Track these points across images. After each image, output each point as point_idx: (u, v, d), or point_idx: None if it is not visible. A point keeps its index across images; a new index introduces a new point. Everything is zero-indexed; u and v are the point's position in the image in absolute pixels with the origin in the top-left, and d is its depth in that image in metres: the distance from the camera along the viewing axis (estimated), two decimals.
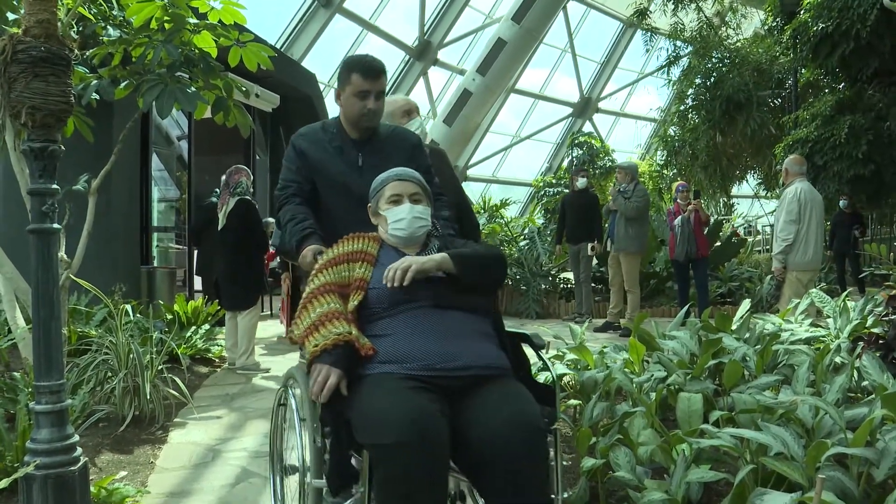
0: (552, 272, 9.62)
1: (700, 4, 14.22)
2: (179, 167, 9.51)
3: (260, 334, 6.21)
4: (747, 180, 15.61)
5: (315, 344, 1.81)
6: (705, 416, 2.59)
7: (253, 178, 6.43)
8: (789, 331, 3.73)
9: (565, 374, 3.52)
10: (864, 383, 2.89)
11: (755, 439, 2.10)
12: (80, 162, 5.19)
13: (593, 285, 8.94)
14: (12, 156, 3.75)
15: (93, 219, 4.06)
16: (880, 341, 3.08)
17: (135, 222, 7.93)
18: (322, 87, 12.73)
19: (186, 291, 8.72)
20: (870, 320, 3.70)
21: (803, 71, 10.92)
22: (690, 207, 7.24)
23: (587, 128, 22.41)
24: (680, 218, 7.22)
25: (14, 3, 3.60)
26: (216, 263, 5.97)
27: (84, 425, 3.49)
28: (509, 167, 23.64)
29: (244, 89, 4.37)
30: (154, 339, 4.26)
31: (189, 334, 5.67)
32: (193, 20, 3.79)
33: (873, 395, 2.45)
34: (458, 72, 19.89)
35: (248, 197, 5.67)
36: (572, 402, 3.33)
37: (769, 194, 15.78)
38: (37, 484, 2.17)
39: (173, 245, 9.29)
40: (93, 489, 2.57)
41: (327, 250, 2.09)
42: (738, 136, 13.09)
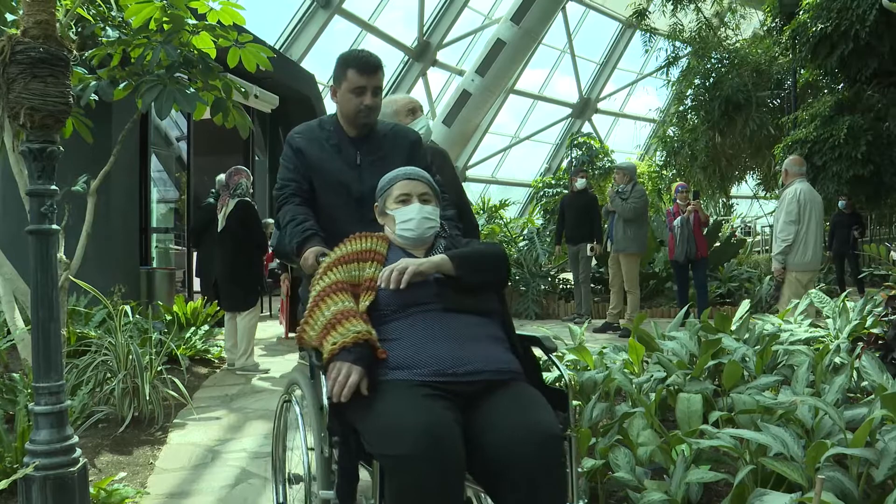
0: (551, 273, 9.62)
1: (699, 5, 14.22)
2: (178, 168, 9.50)
3: (259, 335, 6.21)
4: (746, 181, 15.61)
5: (333, 342, 1.72)
6: (705, 416, 2.59)
7: (252, 178, 6.43)
8: (789, 331, 3.73)
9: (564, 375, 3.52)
10: (864, 384, 2.89)
11: (755, 440, 2.10)
12: (78, 163, 5.18)
13: (592, 286, 8.94)
14: (11, 157, 3.75)
15: (92, 220, 4.06)
16: (880, 342, 3.08)
17: (134, 223, 7.92)
18: (321, 87, 12.72)
19: (185, 292, 8.72)
20: (869, 321, 3.70)
21: (802, 71, 10.92)
22: (690, 208, 7.25)
23: (586, 128, 22.44)
24: (679, 219, 7.23)
25: (13, 3, 3.59)
26: (215, 264, 5.97)
27: (83, 426, 3.49)
28: (508, 168, 23.69)
29: (243, 90, 4.37)
30: (153, 340, 4.26)
31: (188, 335, 5.67)
32: (192, 21, 3.79)
33: (873, 395, 2.46)
34: (457, 72, 19.90)
35: (247, 198, 5.68)
36: (572, 402, 3.32)
37: (768, 195, 15.79)
38: (36, 485, 2.16)
39: (173, 246, 9.28)
40: (92, 490, 2.57)
41: (331, 251, 2.02)
42: (737, 137, 13.09)
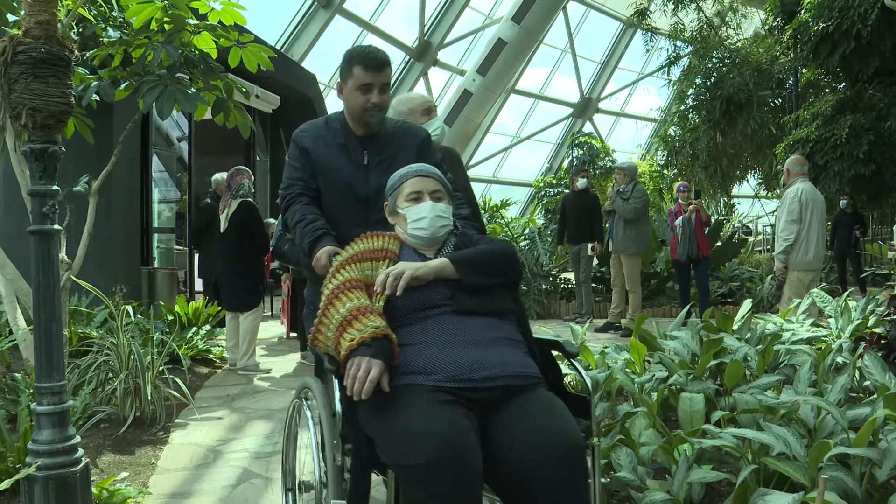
0: (553, 272, 9.62)
1: (700, 4, 14.23)
2: (180, 168, 9.51)
3: (261, 335, 6.21)
4: (748, 180, 15.62)
5: (351, 338, 1.64)
6: (707, 416, 2.59)
7: (254, 178, 6.43)
8: (791, 331, 3.73)
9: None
10: (866, 383, 2.88)
11: (757, 439, 2.10)
12: (80, 163, 5.19)
13: (594, 285, 8.94)
14: (13, 157, 3.75)
15: (93, 220, 4.06)
16: (882, 341, 3.08)
17: (135, 223, 7.93)
18: (322, 87, 12.74)
19: (187, 292, 8.72)
20: (871, 320, 3.69)
21: (804, 71, 10.93)
22: (691, 207, 7.24)
23: (587, 128, 22.42)
24: (681, 218, 7.22)
25: (14, 4, 3.60)
26: (217, 265, 5.97)
27: (85, 426, 3.49)
28: (509, 167, 23.68)
29: (244, 90, 4.37)
30: (155, 340, 4.27)
31: (190, 335, 5.67)
32: (193, 21, 3.79)
33: (875, 395, 2.45)
34: (458, 72, 19.90)
35: (250, 199, 5.68)
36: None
37: (770, 194, 15.79)
38: (38, 485, 2.17)
39: (178, 247, 9.29)
40: (94, 490, 2.57)
41: (343, 250, 1.97)
42: (738, 136, 13.10)
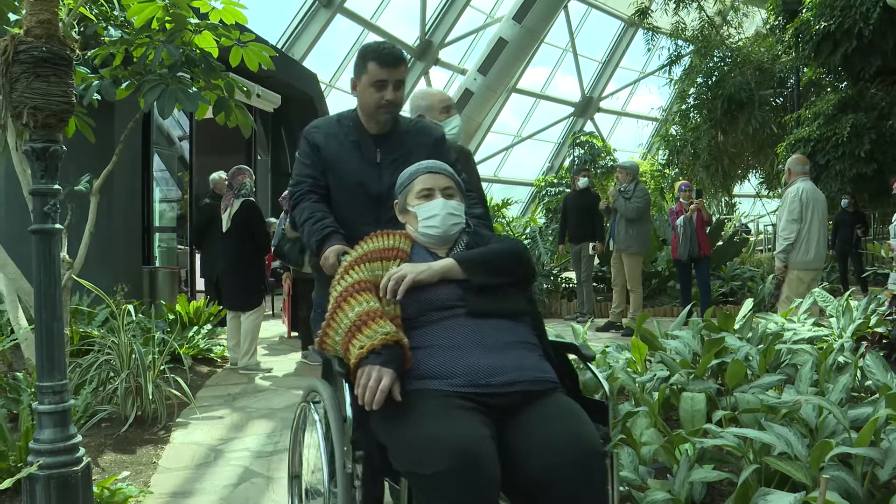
0: (554, 272, 9.62)
1: (702, 3, 14.21)
2: (181, 167, 9.52)
3: (262, 334, 6.21)
4: (749, 179, 15.61)
5: (360, 345, 1.59)
6: (708, 415, 2.59)
7: (255, 178, 6.43)
8: (792, 330, 3.73)
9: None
10: (868, 383, 2.88)
11: (758, 439, 2.09)
12: (81, 162, 5.19)
13: (595, 285, 8.94)
14: (14, 156, 3.75)
15: (95, 219, 4.06)
16: (884, 341, 3.07)
17: (136, 222, 7.94)
18: (323, 86, 12.74)
19: (188, 292, 8.73)
20: (873, 320, 3.69)
21: (805, 70, 10.92)
22: (692, 207, 7.23)
23: (588, 127, 22.43)
24: (682, 218, 7.21)
25: (15, 3, 3.60)
26: (218, 264, 5.97)
27: (87, 425, 3.49)
28: (510, 167, 23.69)
29: (245, 89, 4.37)
30: (156, 340, 4.27)
31: (191, 334, 5.68)
32: (194, 20, 3.79)
33: (877, 394, 2.45)
34: (459, 71, 19.90)
35: (252, 198, 5.68)
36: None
37: (771, 193, 15.78)
38: (40, 484, 2.17)
39: (179, 246, 9.30)
40: (95, 489, 2.57)
41: (351, 249, 1.91)
42: (739, 136, 13.10)
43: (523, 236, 10.27)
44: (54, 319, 2.26)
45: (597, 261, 8.71)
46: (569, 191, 9.64)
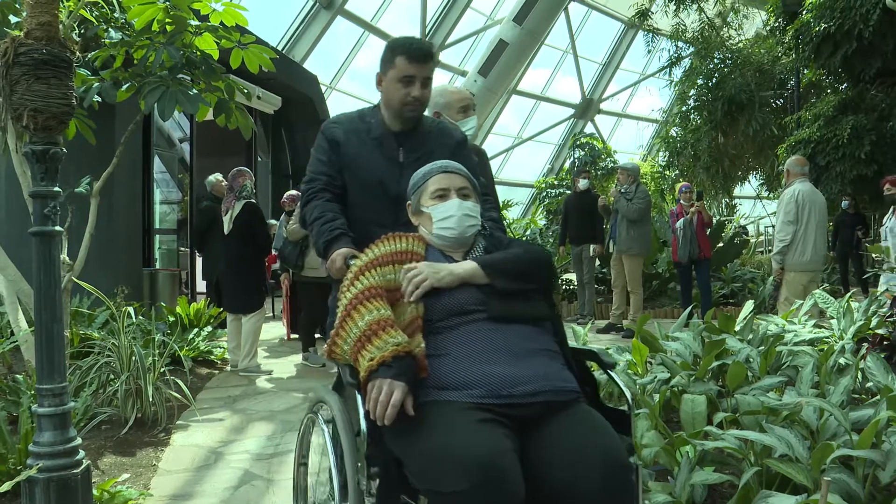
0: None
1: (701, 5, 14.21)
2: (181, 169, 9.52)
3: (262, 336, 6.20)
4: (749, 181, 15.60)
5: (370, 357, 1.53)
6: (709, 417, 2.58)
7: (255, 179, 6.43)
8: (793, 332, 3.72)
9: None
10: (869, 384, 2.87)
11: (759, 441, 2.09)
12: (81, 164, 5.20)
13: (596, 287, 8.93)
14: (14, 158, 3.75)
15: (95, 221, 4.07)
16: (885, 342, 3.07)
17: (137, 225, 7.94)
18: (324, 88, 12.74)
19: (189, 294, 8.73)
20: (874, 321, 3.68)
21: (805, 71, 10.91)
22: (692, 209, 7.23)
23: (589, 129, 22.43)
24: (682, 220, 7.21)
25: (16, 5, 3.60)
26: (219, 265, 5.97)
27: (86, 428, 3.49)
28: (511, 168, 23.66)
29: (246, 91, 4.37)
30: (156, 342, 4.26)
31: (191, 336, 5.67)
32: (195, 22, 3.79)
33: (878, 396, 2.44)
34: (459, 73, 19.89)
35: (253, 200, 5.68)
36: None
37: (771, 195, 15.77)
38: (39, 487, 2.17)
39: (182, 248, 9.30)
40: (95, 492, 2.57)
41: (361, 254, 1.82)
42: (740, 137, 13.09)
43: (524, 238, 10.27)
44: (54, 321, 2.26)
45: (597, 262, 8.70)
46: (569, 192, 9.64)
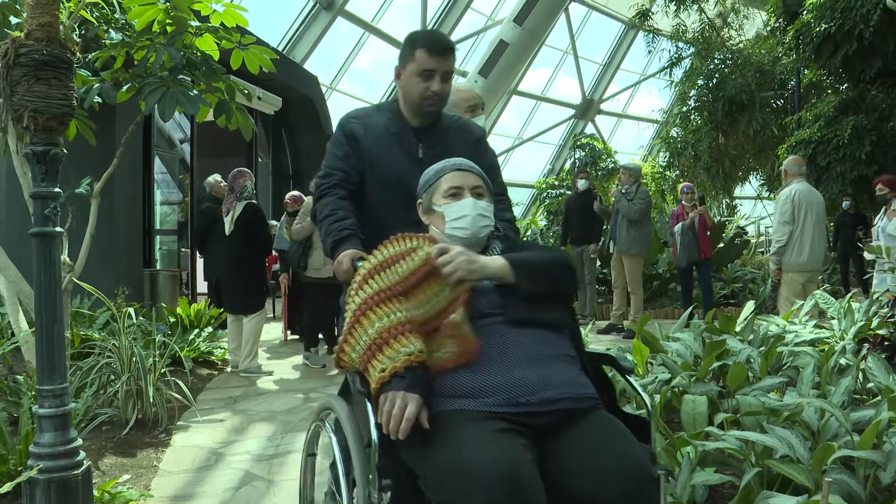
0: None
1: (702, 6, 14.21)
2: (182, 170, 9.52)
3: (263, 337, 6.20)
4: (750, 181, 15.60)
5: (382, 368, 1.47)
6: (710, 418, 2.58)
7: (255, 180, 6.43)
8: (794, 332, 3.72)
9: None
10: (870, 385, 2.87)
11: (760, 442, 2.09)
12: (82, 165, 5.20)
13: (597, 287, 8.93)
14: (15, 159, 3.75)
15: (95, 222, 4.06)
16: (886, 343, 3.07)
17: (137, 225, 7.94)
18: (324, 89, 12.74)
19: (189, 294, 8.73)
20: (875, 322, 3.68)
21: (806, 72, 10.90)
22: (693, 214, 7.20)
23: (589, 129, 22.42)
24: (680, 225, 7.18)
25: (16, 6, 3.60)
26: (220, 266, 5.97)
27: (87, 429, 3.49)
28: (511, 169, 23.61)
29: (246, 92, 4.37)
30: (157, 342, 4.27)
31: (192, 337, 5.67)
32: (195, 23, 3.79)
33: (879, 397, 2.44)
34: (460, 73, 19.89)
35: (254, 200, 5.69)
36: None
37: (772, 195, 15.75)
38: (40, 488, 2.16)
39: (182, 249, 9.30)
40: (96, 493, 2.56)
41: (369, 256, 1.75)
42: (740, 138, 13.08)
43: (524, 238, 10.27)
44: (55, 322, 2.26)
45: (598, 263, 8.70)
46: (570, 193, 9.63)
